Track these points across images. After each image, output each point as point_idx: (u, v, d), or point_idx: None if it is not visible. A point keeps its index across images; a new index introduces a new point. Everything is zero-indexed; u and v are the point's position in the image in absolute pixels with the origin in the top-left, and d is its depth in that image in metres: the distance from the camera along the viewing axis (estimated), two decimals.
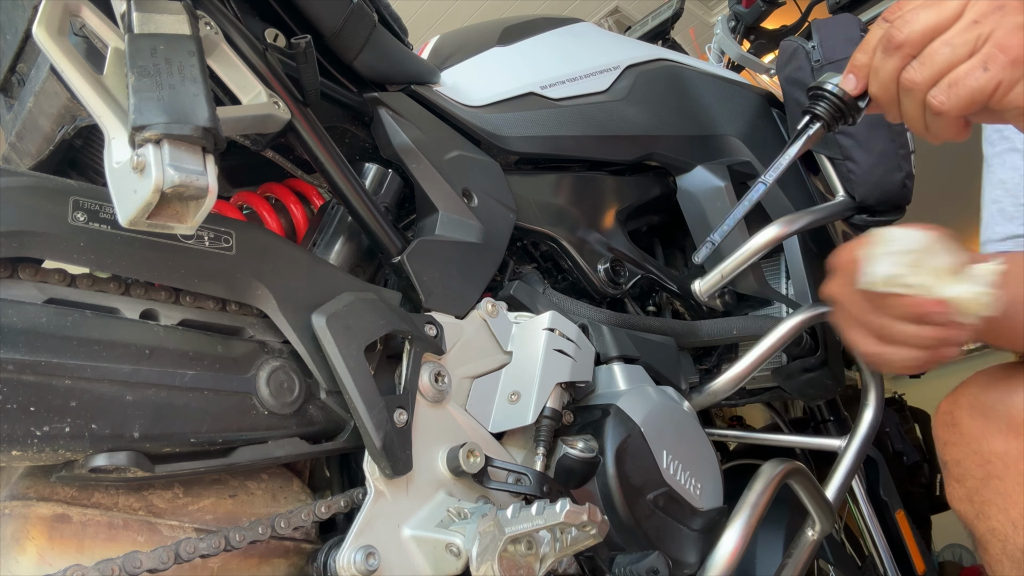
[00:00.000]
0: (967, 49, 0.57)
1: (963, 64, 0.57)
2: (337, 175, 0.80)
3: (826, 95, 0.65)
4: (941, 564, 3.87)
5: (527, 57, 1.22)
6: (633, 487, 0.88)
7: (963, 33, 0.57)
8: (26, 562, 0.58)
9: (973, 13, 0.57)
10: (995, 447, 1.02)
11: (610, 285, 1.11)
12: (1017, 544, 0.99)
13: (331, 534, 0.74)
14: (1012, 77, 0.55)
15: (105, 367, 0.60)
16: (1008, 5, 0.56)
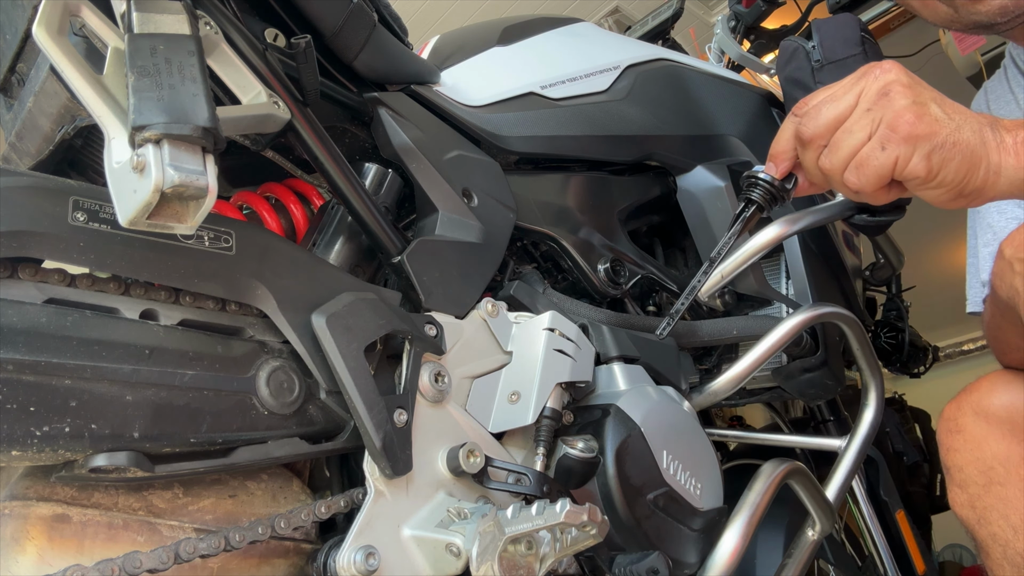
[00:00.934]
0: (865, 134, 0.64)
1: (865, 147, 0.63)
2: (337, 175, 0.80)
3: (759, 182, 0.73)
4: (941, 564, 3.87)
5: (527, 57, 1.22)
6: (633, 487, 0.88)
7: (860, 120, 0.64)
8: (26, 562, 0.58)
9: (865, 102, 0.64)
10: (997, 453, 1.02)
11: (610, 285, 1.11)
12: (1017, 549, 1.00)
13: (331, 534, 0.74)
14: (907, 152, 0.62)
15: (105, 367, 0.60)
16: (892, 91, 0.63)
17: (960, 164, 0.62)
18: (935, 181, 0.63)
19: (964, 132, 0.62)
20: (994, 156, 0.62)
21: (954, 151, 0.62)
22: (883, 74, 0.66)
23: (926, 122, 0.62)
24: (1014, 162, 0.61)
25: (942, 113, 0.63)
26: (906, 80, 0.65)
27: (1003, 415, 1.04)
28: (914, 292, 1.82)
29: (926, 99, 0.63)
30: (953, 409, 1.11)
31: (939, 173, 0.62)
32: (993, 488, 1.03)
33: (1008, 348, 1.08)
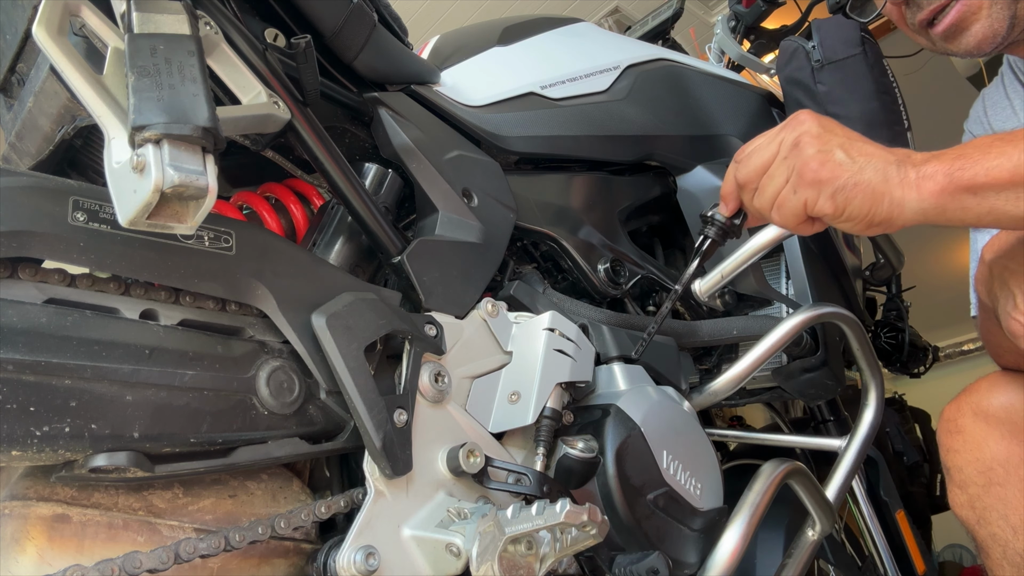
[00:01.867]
0: (783, 179, 0.75)
1: (783, 191, 0.75)
2: (337, 175, 0.80)
3: (714, 221, 0.86)
4: (941, 564, 3.87)
5: (527, 57, 1.22)
6: (633, 487, 0.88)
7: (779, 168, 0.76)
8: (26, 562, 0.58)
9: (783, 151, 0.76)
10: (997, 454, 1.03)
11: (610, 285, 1.11)
12: (1017, 549, 1.00)
13: (331, 534, 0.74)
14: (813, 195, 0.73)
15: (105, 367, 0.60)
16: (802, 141, 0.74)
17: (863, 201, 0.71)
18: (843, 216, 0.73)
19: (866, 173, 0.71)
20: (897, 191, 0.70)
21: (855, 191, 0.71)
22: (798, 126, 0.76)
23: (828, 168, 0.72)
24: (915, 195, 0.69)
25: (846, 158, 0.72)
26: (815, 131, 0.74)
27: (1002, 416, 1.05)
28: (914, 292, 1.82)
29: (833, 146, 0.73)
30: (953, 410, 1.11)
31: (845, 210, 0.72)
32: (993, 488, 1.04)
33: (1001, 350, 1.09)
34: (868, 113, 1.32)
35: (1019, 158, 0.64)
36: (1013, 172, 0.65)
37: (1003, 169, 0.65)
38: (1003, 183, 0.65)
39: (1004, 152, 0.66)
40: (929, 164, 0.69)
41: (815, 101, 1.34)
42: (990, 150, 0.67)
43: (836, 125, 0.76)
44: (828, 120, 0.77)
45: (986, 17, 1.00)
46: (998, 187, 0.65)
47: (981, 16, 1.00)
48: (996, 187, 0.66)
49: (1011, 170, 0.65)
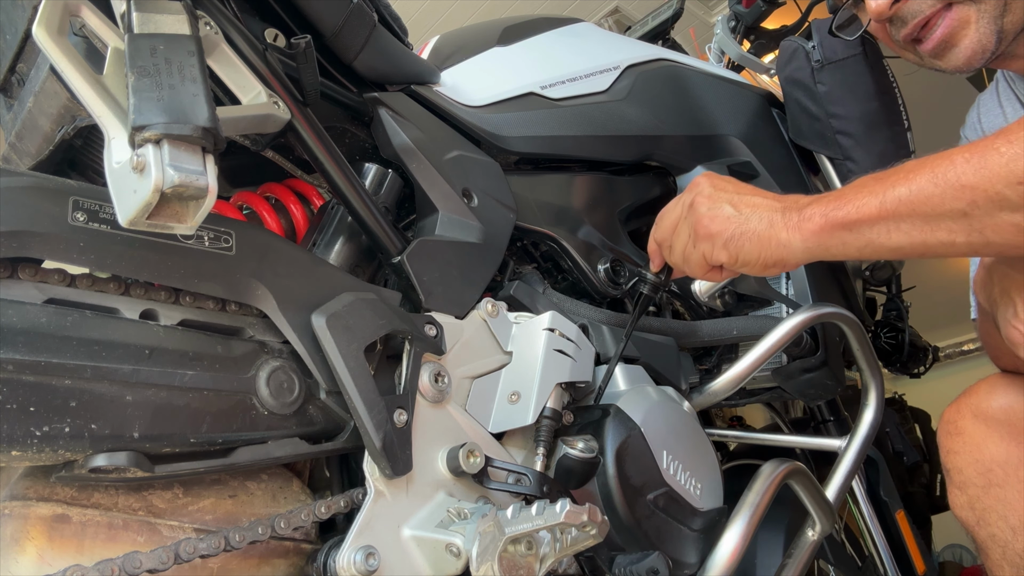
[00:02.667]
0: (686, 235, 0.85)
1: (687, 246, 0.85)
2: (337, 175, 0.80)
3: (645, 278, 0.97)
4: (941, 564, 3.87)
5: (527, 57, 1.22)
6: (633, 487, 0.88)
7: (682, 227, 0.86)
8: (26, 562, 0.58)
9: (683, 212, 0.86)
10: (996, 455, 1.04)
11: (610, 285, 1.11)
12: (1016, 550, 1.01)
13: (331, 534, 0.74)
14: (708, 247, 0.82)
15: (105, 367, 0.60)
16: (696, 202, 0.84)
17: (752, 247, 0.79)
18: (738, 262, 0.81)
19: (751, 222, 0.79)
20: (782, 234, 0.77)
21: (743, 239, 0.79)
22: (694, 188, 0.86)
23: (718, 222, 0.81)
24: (799, 236, 0.76)
25: (734, 211, 0.81)
26: (707, 191, 0.84)
27: (1002, 417, 1.05)
28: (914, 292, 1.82)
29: (722, 203, 0.82)
30: (953, 412, 1.12)
31: (738, 256, 0.80)
32: (992, 490, 1.04)
33: (1000, 352, 1.09)
34: (868, 113, 1.32)
35: (884, 195, 0.70)
36: (880, 208, 0.70)
37: (871, 206, 0.71)
38: (872, 218, 0.71)
39: (873, 191, 0.71)
40: (809, 207, 0.76)
41: (815, 101, 1.35)
42: (862, 189, 0.73)
43: (729, 183, 0.85)
44: (722, 180, 0.86)
45: (974, 32, 1.01)
46: (869, 222, 0.71)
47: (970, 31, 1.01)
48: (867, 222, 0.71)
49: (878, 207, 0.70)
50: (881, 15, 1.05)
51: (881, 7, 1.03)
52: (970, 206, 0.66)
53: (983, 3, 0.99)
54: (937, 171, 0.68)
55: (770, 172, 1.36)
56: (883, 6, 1.03)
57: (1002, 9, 0.99)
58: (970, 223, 0.67)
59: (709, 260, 0.82)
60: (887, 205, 0.70)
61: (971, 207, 0.66)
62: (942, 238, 0.68)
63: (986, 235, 0.67)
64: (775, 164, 1.39)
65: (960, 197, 0.66)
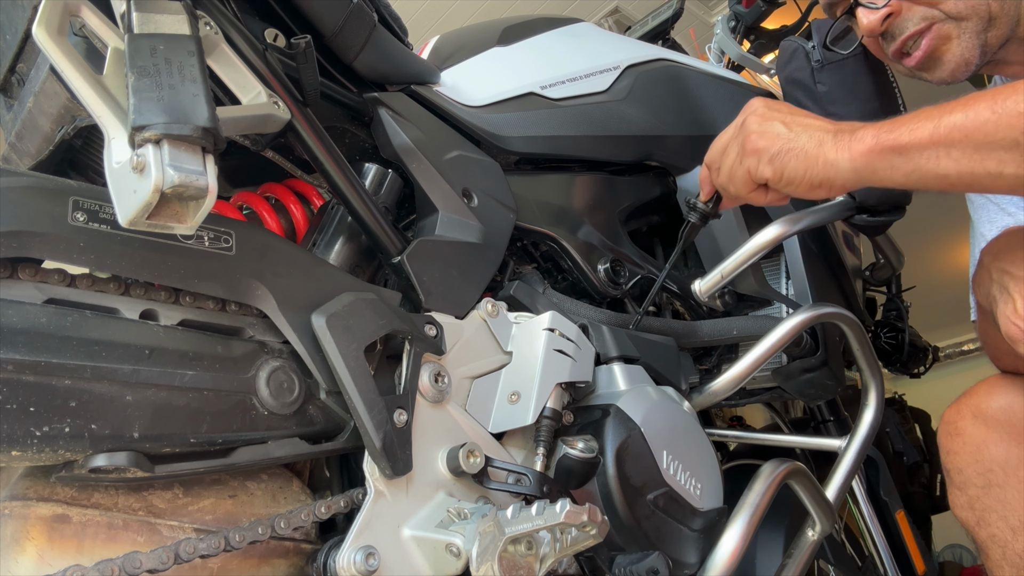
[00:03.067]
0: (735, 153, 0.84)
1: (734, 163, 0.85)
2: (337, 175, 0.80)
3: (694, 206, 0.96)
4: (941, 564, 3.88)
5: (527, 57, 1.22)
6: (633, 487, 0.88)
7: (731, 145, 0.86)
8: (26, 562, 0.58)
9: (734, 132, 0.86)
10: (996, 456, 1.04)
11: (610, 285, 1.11)
12: (1016, 550, 1.01)
13: (331, 534, 0.74)
14: (754, 162, 0.81)
15: (105, 367, 0.60)
16: (747, 121, 0.84)
17: (798, 163, 0.78)
18: (783, 180, 0.80)
19: (801, 140, 0.79)
20: (831, 153, 0.77)
21: (790, 155, 0.79)
22: (747, 108, 0.86)
23: (766, 138, 0.80)
24: (848, 155, 0.75)
25: (784, 129, 0.81)
26: (760, 111, 0.84)
27: (1001, 418, 1.06)
28: (914, 292, 1.82)
29: (773, 120, 0.82)
30: (953, 413, 1.12)
31: (783, 173, 0.79)
32: (992, 490, 1.04)
33: (1000, 353, 1.10)
34: (868, 113, 1.32)
35: (939, 120, 0.70)
36: (933, 132, 0.70)
37: (924, 130, 0.71)
38: (924, 143, 0.70)
39: (930, 116, 0.71)
40: (863, 129, 0.76)
41: (815, 101, 1.34)
42: (918, 116, 0.73)
43: (784, 105, 0.84)
44: (777, 102, 0.85)
45: (957, 46, 1.03)
46: (920, 147, 0.71)
47: (952, 46, 1.03)
48: (918, 147, 0.71)
49: (931, 131, 0.70)
50: (873, 31, 1.08)
51: (873, 23, 1.06)
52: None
53: (965, 21, 1.01)
54: (998, 99, 0.68)
55: None
56: (874, 23, 1.06)
57: (985, 24, 1.01)
58: (1022, 153, 0.66)
59: (754, 176, 0.81)
60: (940, 130, 0.69)
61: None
62: (991, 168, 0.67)
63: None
64: None
65: (1016, 125, 0.65)
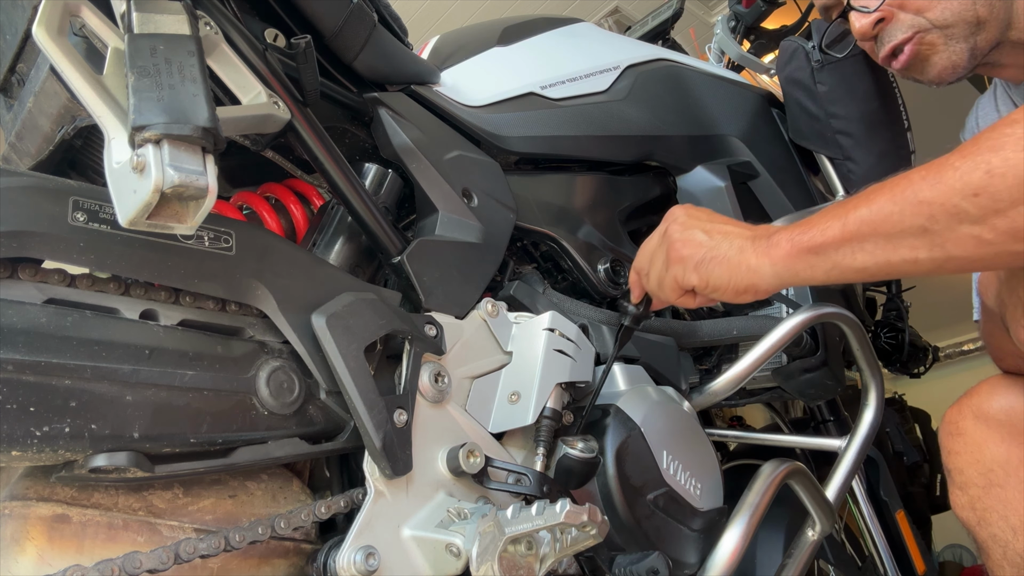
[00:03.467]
0: (661, 261, 0.87)
1: (661, 271, 0.87)
2: (337, 175, 0.80)
3: (628, 309, 0.96)
4: (941, 564, 3.87)
5: (527, 57, 1.22)
6: (633, 487, 0.88)
7: (657, 253, 0.88)
8: (26, 562, 0.58)
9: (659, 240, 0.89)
10: (997, 455, 1.04)
11: (610, 285, 1.11)
12: (1017, 549, 1.01)
13: (331, 534, 0.74)
14: (681, 271, 0.84)
15: (105, 367, 0.60)
16: (670, 229, 0.86)
17: (722, 271, 0.80)
18: (709, 286, 0.82)
19: (722, 247, 0.81)
20: (752, 260, 0.79)
21: (713, 263, 0.81)
22: (669, 217, 0.89)
23: (690, 247, 0.83)
24: (768, 261, 0.77)
25: (706, 237, 0.83)
26: (682, 219, 0.87)
27: (1002, 418, 1.06)
28: (914, 292, 1.82)
29: (694, 229, 0.85)
30: (954, 413, 1.13)
31: (709, 280, 0.81)
32: (993, 490, 1.04)
33: (1003, 354, 1.10)
34: (868, 113, 1.32)
35: (846, 218, 0.73)
36: (843, 230, 0.73)
37: (834, 229, 0.73)
38: (836, 241, 0.73)
39: (836, 215, 0.74)
40: (777, 234, 0.78)
41: (815, 101, 1.35)
42: (826, 216, 0.75)
43: (704, 213, 0.88)
44: (697, 210, 0.89)
45: (944, 52, 1.06)
46: (834, 245, 0.73)
47: (938, 51, 1.06)
48: (832, 245, 0.73)
49: (840, 229, 0.73)
50: (864, 35, 1.10)
51: (864, 27, 1.09)
52: (929, 221, 0.67)
53: (951, 27, 1.04)
54: (896, 190, 0.70)
55: (770, 172, 1.36)
56: (866, 27, 1.09)
57: (973, 28, 1.03)
58: (931, 238, 0.68)
59: (681, 283, 0.84)
60: (849, 227, 0.72)
61: (930, 222, 0.67)
62: (905, 255, 0.70)
63: (947, 249, 0.67)
64: (775, 164, 1.39)
65: (919, 213, 0.68)
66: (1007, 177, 0.63)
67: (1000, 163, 0.63)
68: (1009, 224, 0.64)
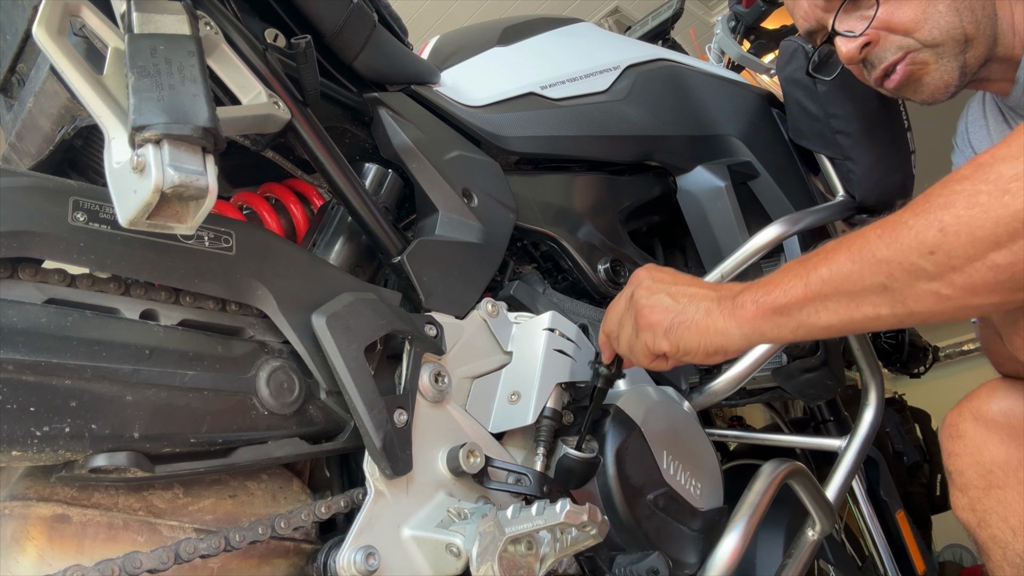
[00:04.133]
0: (630, 327, 0.85)
1: (631, 336, 0.85)
2: (337, 175, 0.80)
3: (598, 371, 0.92)
4: (941, 564, 3.87)
5: (527, 57, 1.22)
6: (633, 487, 0.88)
7: (625, 317, 0.87)
8: (26, 562, 0.58)
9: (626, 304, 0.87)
10: (996, 457, 1.05)
11: (610, 285, 1.11)
12: (1016, 550, 1.01)
13: (331, 534, 0.74)
14: (651, 337, 0.83)
15: (105, 367, 0.60)
16: (636, 294, 0.85)
17: (691, 335, 0.80)
18: (680, 351, 0.81)
19: (689, 311, 0.81)
20: (719, 323, 0.78)
21: (682, 328, 0.80)
22: (634, 280, 0.88)
23: (657, 313, 0.82)
24: (735, 323, 0.77)
25: (672, 301, 0.83)
26: (647, 283, 0.86)
27: (1002, 420, 1.07)
28: None
29: (660, 293, 0.84)
30: (954, 415, 1.13)
31: (679, 345, 0.80)
32: (992, 491, 1.05)
33: (1001, 359, 1.10)
34: (868, 113, 1.32)
35: (808, 277, 0.73)
36: (806, 290, 0.73)
37: (797, 289, 0.74)
38: (800, 301, 0.73)
39: (798, 274, 0.74)
40: (742, 295, 0.78)
41: (815, 101, 1.35)
42: (787, 275, 0.76)
43: (667, 275, 0.87)
44: (660, 271, 0.88)
45: (936, 71, 1.06)
46: (798, 305, 0.74)
47: (930, 71, 1.06)
48: (796, 305, 0.74)
49: (803, 288, 0.73)
50: (852, 60, 1.10)
51: (851, 52, 1.09)
52: (889, 279, 0.68)
53: (940, 46, 1.04)
54: (853, 249, 0.71)
55: (770, 172, 1.36)
56: (853, 51, 1.08)
57: (962, 46, 1.04)
58: (892, 295, 0.69)
59: (652, 350, 0.83)
60: (812, 286, 0.73)
61: (890, 280, 0.68)
62: (868, 312, 0.71)
63: (908, 305, 0.68)
64: (775, 164, 1.39)
65: (878, 271, 0.69)
66: (960, 235, 0.64)
67: (952, 221, 0.65)
68: (966, 280, 0.65)
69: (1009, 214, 0.62)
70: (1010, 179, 0.63)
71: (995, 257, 0.63)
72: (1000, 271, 0.64)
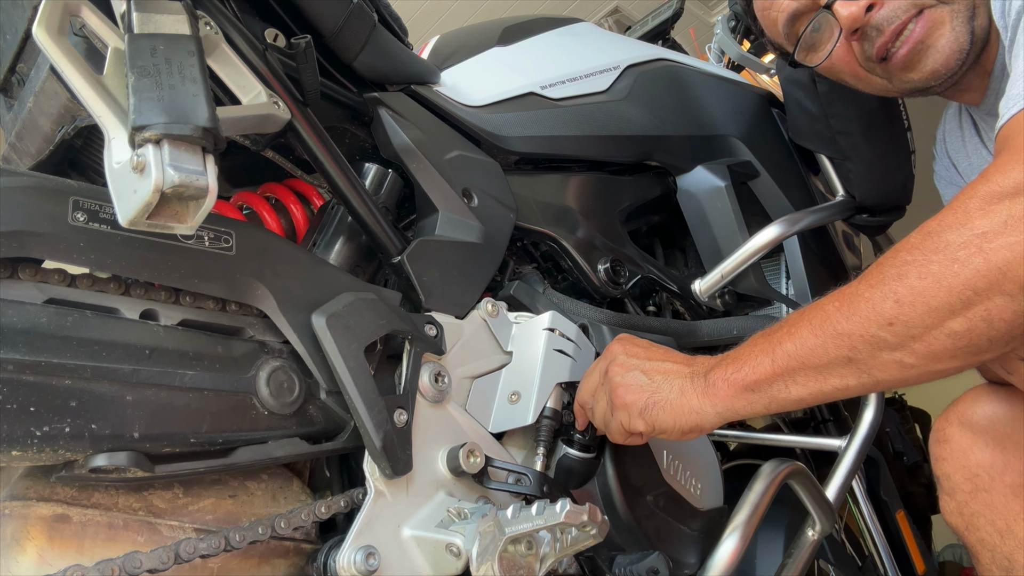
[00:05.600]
0: (604, 403, 0.84)
1: (605, 413, 0.84)
2: (337, 175, 0.80)
3: (572, 438, 0.90)
4: (941, 564, 3.87)
5: (527, 57, 1.22)
6: (633, 487, 0.88)
7: (599, 393, 0.86)
8: (26, 562, 0.58)
9: (600, 379, 0.86)
10: (981, 461, 1.06)
11: (610, 285, 1.11)
12: (1004, 552, 1.02)
13: (331, 534, 0.74)
14: (625, 416, 0.82)
15: (105, 367, 0.60)
16: (610, 370, 0.84)
17: (667, 415, 0.79)
18: (656, 429, 0.80)
19: (663, 391, 0.80)
20: (693, 401, 0.78)
21: (657, 408, 0.80)
22: (607, 355, 0.87)
23: (632, 392, 0.81)
24: (709, 402, 0.77)
25: (645, 379, 0.82)
26: (621, 359, 0.85)
27: (986, 425, 1.08)
28: None
29: (634, 371, 0.83)
30: (941, 421, 1.15)
31: (655, 425, 0.80)
32: (979, 495, 1.06)
33: (985, 365, 1.11)
34: (868, 113, 1.32)
35: (774, 353, 0.74)
36: (773, 365, 0.74)
37: (764, 365, 0.74)
38: (769, 377, 0.74)
39: (764, 350, 0.75)
40: (713, 372, 0.79)
41: (815, 101, 1.34)
42: (754, 350, 0.76)
43: (641, 349, 0.86)
44: (634, 346, 0.87)
45: (950, 31, 0.98)
46: (767, 381, 0.74)
47: (945, 31, 0.98)
48: (766, 381, 0.74)
49: (770, 364, 0.74)
50: (856, 22, 0.99)
51: (856, 14, 0.98)
52: (852, 351, 0.69)
53: (955, 4, 0.97)
54: (815, 323, 0.72)
55: (770, 172, 1.36)
56: (857, 13, 0.98)
57: (972, 11, 0.98)
58: (857, 367, 0.70)
59: (628, 429, 0.83)
60: (779, 362, 0.73)
61: (853, 352, 0.69)
62: (836, 384, 0.71)
63: (874, 375, 0.69)
64: (775, 164, 1.39)
65: (841, 344, 0.69)
66: (916, 306, 0.65)
67: (907, 292, 0.65)
68: (927, 348, 0.66)
69: (960, 283, 0.63)
70: (958, 247, 0.64)
71: (952, 325, 0.64)
72: (958, 338, 0.65)
